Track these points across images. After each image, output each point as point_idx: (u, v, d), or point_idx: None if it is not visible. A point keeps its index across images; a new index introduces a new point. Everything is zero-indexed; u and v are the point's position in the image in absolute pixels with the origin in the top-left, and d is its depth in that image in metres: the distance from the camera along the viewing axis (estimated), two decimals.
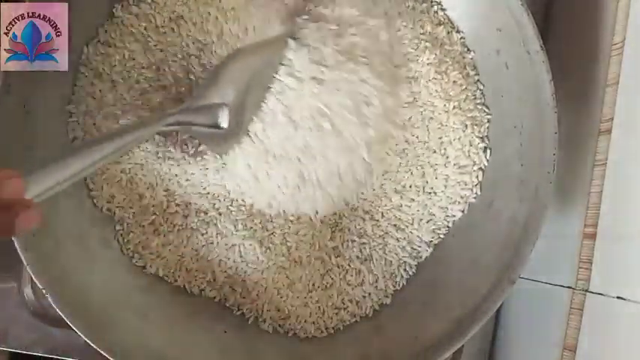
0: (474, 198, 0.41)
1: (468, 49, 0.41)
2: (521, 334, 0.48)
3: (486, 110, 0.41)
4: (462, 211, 0.41)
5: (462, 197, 0.41)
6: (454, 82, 0.41)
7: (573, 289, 0.40)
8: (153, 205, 0.41)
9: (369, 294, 0.42)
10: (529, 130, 0.38)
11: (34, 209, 0.27)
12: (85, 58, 0.40)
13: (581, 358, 0.38)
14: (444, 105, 0.41)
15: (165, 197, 0.41)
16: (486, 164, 0.41)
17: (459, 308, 0.38)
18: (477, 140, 0.41)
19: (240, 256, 0.41)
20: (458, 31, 0.41)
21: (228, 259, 0.41)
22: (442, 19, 0.41)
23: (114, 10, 0.40)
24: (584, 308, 0.38)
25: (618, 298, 0.35)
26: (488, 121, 0.41)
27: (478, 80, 0.41)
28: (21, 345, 0.46)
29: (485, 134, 0.41)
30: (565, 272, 0.41)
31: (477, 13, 0.40)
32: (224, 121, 0.34)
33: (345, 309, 0.42)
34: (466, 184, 0.41)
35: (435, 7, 0.41)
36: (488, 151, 0.41)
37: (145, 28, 0.40)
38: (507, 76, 0.39)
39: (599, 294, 0.37)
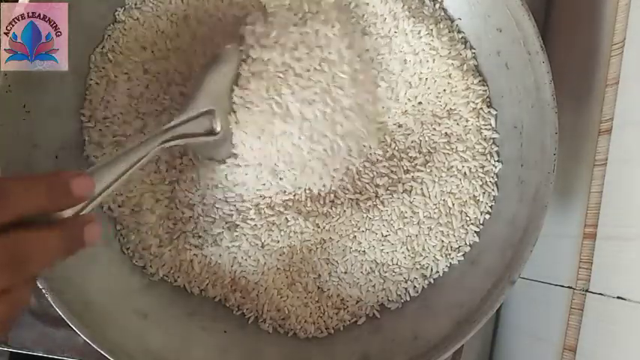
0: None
1: (472, 47, 0.41)
2: (521, 334, 0.48)
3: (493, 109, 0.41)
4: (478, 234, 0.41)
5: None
6: (456, 80, 0.41)
7: (573, 289, 0.40)
8: (152, 211, 0.41)
9: (375, 299, 0.42)
10: (529, 131, 0.38)
11: (96, 223, 0.28)
12: (94, 66, 0.40)
13: (581, 358, 0.38)
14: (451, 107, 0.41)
15: (165, 201, 0.41)
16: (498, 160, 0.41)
17: (459, 308, 0.38)
18: (488, 134, 0.41)
19: (241, 258, 0.41)
20: (460, 31, 0.41)
21: (228, 261, 0.41)
22: (442, 18, 0.41)
23: (116, 15, 0.40)
24: (584, 308, 0.38)
25: (618, 298, 0.35)
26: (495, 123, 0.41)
27: (482, 78, 0.41)
28: (21, 345, 0.46)
29: (494, 132, 0.41)
30: (565, 272, 0.41)
31: (476, 14, 0.40)
32: (217, 126, 0.36)
33: (345, 309, 0.42)
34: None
35: (437, 6, 0.41)
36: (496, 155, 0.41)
37: (149, 33, 0.40)
38: (507, 77, 0.39)
39: (599, 294, 0.37)
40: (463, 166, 0.41)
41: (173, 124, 0.34)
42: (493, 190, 0.41)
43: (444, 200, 0.41)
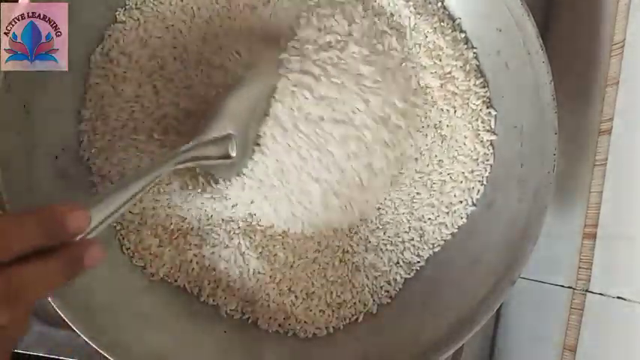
0: (476, 202, 0.41)
1: (473, 46, 0.41)
2: (521, 334, 0.48)
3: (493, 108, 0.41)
4: (467, 215, 0.42)
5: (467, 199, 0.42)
6: (459, 80, 0.41)
7: (573, 289, 0.40)
8: (153, 213, 0.41)
9: (370, 294, 0.42)
10: (529, 130, 0.38)
11: (98, 245, 0.27)
12: (94, 66, 0.40)
13: (581, 358, 0.38)
14: (451, 108, 0.41)
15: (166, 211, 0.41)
16: (492, 163, 0.41)
17: (459, 308, 0.38)
18: (485, 136, 0.41)
19: (242, 262, 0.41)
20: (462, 31, 0.41)
21: (228, 261, 0.41)
22: (445, 17, 0.41)
23: (117, 15, 0.40)
24: (584, 308, 0.38)
25: (618, 298, 0.35)
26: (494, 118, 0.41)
27: (483, 79, 0.41)
28: (21, 345, 0.45)
29: (492, 134, 0.41)
30: (565, 272, 0.41)
31: (477, 13, 0.40)
32: (233, 151, 0.36)
33: (345, 309, 0.42)
34: (472, 188, 0.41)
35: (439, 4, 0.41)
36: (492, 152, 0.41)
37: (150, 34, 0.40)
38: (507, 77, 0.39)
39: (599, 294, 0.37)
40: (463, 165, 0.41)
41: (189, 147, 0.35)
42: (488, 189, 0.41)
43: (440, 201, 0.41)
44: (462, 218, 0.42)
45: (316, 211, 0.40)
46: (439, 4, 0.41)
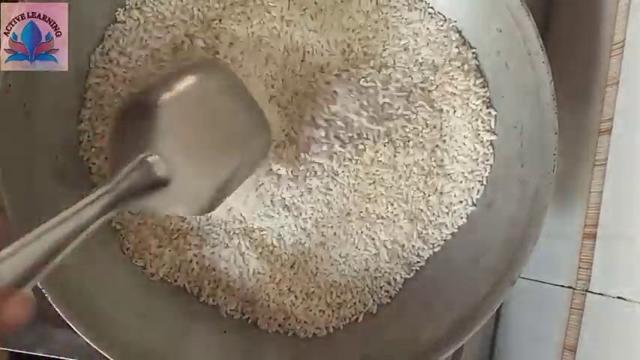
0: (476, 202, 0.41)
1: (472, 46, 0.41)
2: (521, 334, 0.48)
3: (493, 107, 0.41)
4: (467, 215, 0.42)
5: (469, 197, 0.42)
6: (459, 80, 0.41)
7: (573, 289, 0.40)
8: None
9: (370, 294, 0.42)
10: (529, 131, 0.38)
11: (21, 296, 0.23)
12: (94, 66, 0.40)
13: (581, 358, 0.38)
14: (451, 108, 0.41)
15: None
16: (492, 163, 0.41)
17: (459, 308, 0.38)
18: (485, 136, 0.41)
19: (242, 262, 0.41)
20: (460, 31, 0.41)
21: (228, 261, 0.41)
22: (444, 19, 0.41)
23: (117, 15, 0.40)
24: (584, 308, 0.38)
25: (618, 298, 0.35)
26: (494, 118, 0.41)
27: (483, 79, 0.41)
28: (21, 345, 0.46)
29: (492, 134, 0.41)
30: (565, 272, 0.41)
31: (477, 13, 0.40)
32: (159, 170, 0.29)
33: (345, 309, 0.42)
34: (473, 188, 0.41)
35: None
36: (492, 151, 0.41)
37: (150, 34, 0.40)
38: (507, 77, 0.39)
39: (599, 294, 0.37)
40: (463, 165, 0.41)
41: (105, 188, 0.27)
42: (488, 189, 0.41)
43: (440, 200, 0.41)
44: (462, 218, 0.42)
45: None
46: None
